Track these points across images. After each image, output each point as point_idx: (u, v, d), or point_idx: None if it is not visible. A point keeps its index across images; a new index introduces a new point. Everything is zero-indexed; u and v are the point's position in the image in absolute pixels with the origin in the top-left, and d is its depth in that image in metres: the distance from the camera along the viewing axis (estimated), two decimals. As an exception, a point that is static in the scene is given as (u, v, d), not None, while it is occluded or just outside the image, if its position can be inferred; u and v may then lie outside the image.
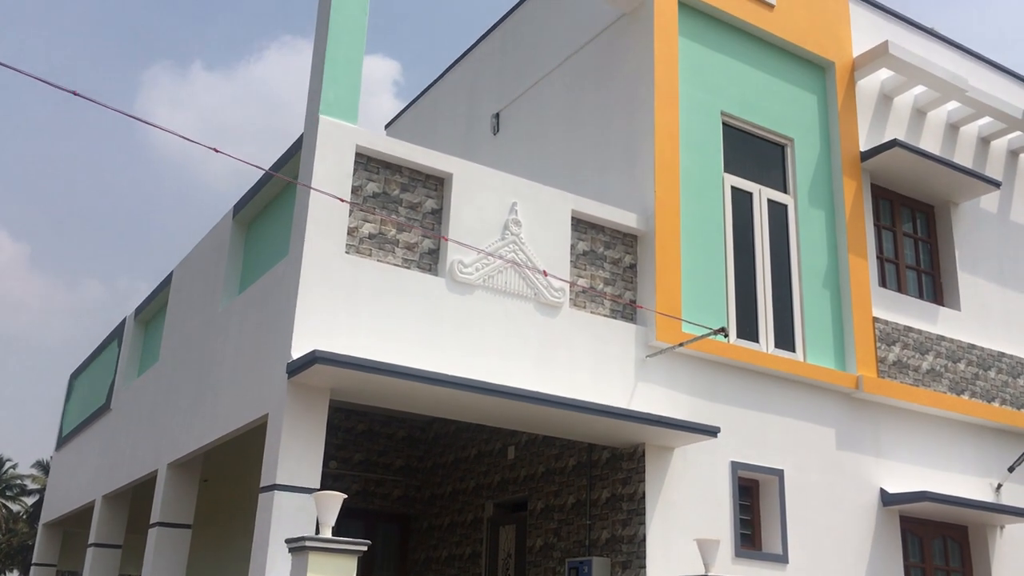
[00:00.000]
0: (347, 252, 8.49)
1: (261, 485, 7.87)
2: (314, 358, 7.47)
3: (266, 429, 8.12)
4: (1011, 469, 12.08)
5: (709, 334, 9.62)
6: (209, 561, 13.56)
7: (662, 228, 10.27)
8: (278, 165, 9.38)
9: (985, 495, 11.83)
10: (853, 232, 11.74)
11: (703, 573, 8.62)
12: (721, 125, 11.25)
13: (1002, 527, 11.85)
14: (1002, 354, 12.68)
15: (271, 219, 9.92)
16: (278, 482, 7.62)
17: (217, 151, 6.80)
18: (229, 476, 13.03)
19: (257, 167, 7.56)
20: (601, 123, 11.56)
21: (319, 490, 7.45)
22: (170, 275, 12.68)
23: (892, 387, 11.32)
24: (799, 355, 10.95)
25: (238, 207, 10.41)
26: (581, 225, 10.08)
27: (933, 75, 12.65)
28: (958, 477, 11.71)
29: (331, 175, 8.45)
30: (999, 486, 11.98)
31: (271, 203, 10.02)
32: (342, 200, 8.22)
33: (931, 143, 13.19)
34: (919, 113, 13.26)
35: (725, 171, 11.14)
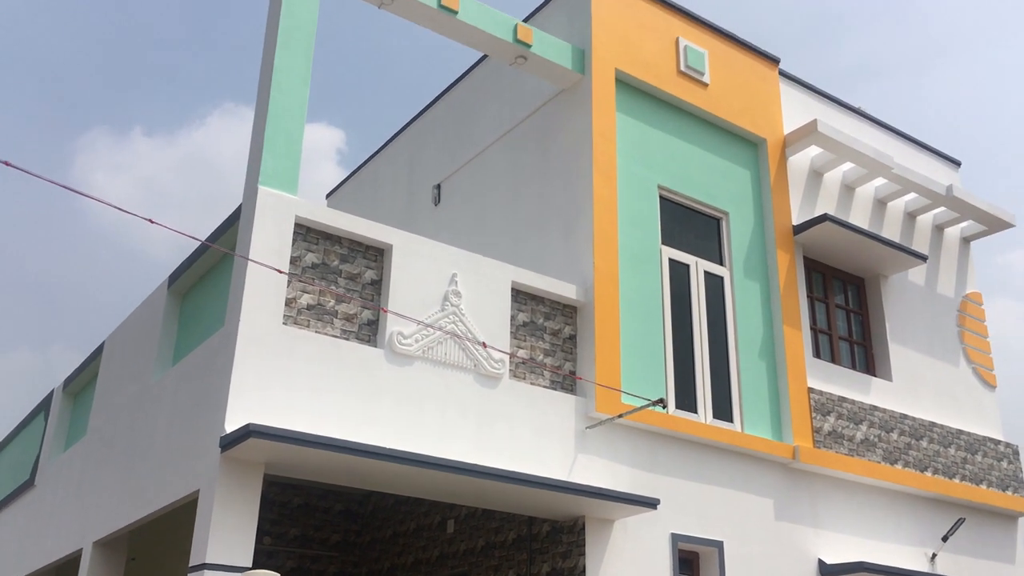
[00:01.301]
0: (284, 323, 8.40)
1: (190, 564, 7.62)
2: (248, 431, 7.31)
3: (197, 505, 7.89)
4: (945, 539, 12.23)
5: (648, 405, 9.67)
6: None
7: (601, 299, 10.37)
8: (215, 235, 9.29)
9: (920, 565, 11.94)
10: (787, 304, 11.98)
11: (644, 649, 8.53)
12: (658, 198, 11.47)
13: (938, 596, 11.95)
14: (933, 424, 12.93)
15: (207, 289, 9.78)
16: (208, 561, 7.38)
17: (152, 222, 6.71)
18: (158, 554, 12.58)
19: (193, 238, 7.48)
20: (541, 195, 11.71)
21: (251, 569, 7.22)
22: (101, 345, 12.38)
23: (828, 457, 11.45)
24: (737, 426, 11.04)
25: (173, 277, 10.26)
26: (521, 296, 10.13)
27: (860, 152, 13.11)
28: (894, 547, 11.81)
29: (269, 246, 8.39)
30: (934, 556, 12.11)
31: (207, 273, 9.90)
32: (280, 271, 8.15)
33: (860, 218, 13.60)
34: (848, 189, 13.69)
35: (663, 243, 11.33)
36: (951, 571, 12.08)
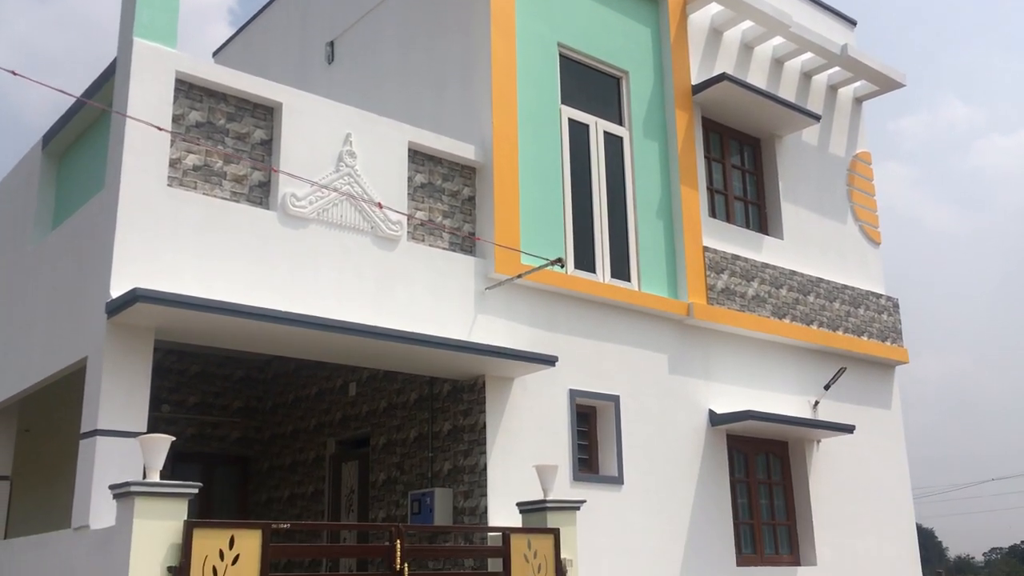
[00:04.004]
0: (169, 185, 8.04)
1: (82, 431, 7.47)
2: (135, 296, 7.08)
3: (86, 373, 7.69)
4: (827, 387, 12.90)
5: (546, 265, 9.73)
6: (36, 514, 12.86)
7: (500, 160, 10.24)
8: (90, 92, 8.75)
9: (804, 412, 12.61)
10: (685, 164, 12.07)
11: (542, 498, 8.84)
12: (558, 56, 11.25)
13: (818, 441, 12.68)
14: (820, 279, 13.43)
15: (85, 150, 9.27)
16: (100, 427, 7.25)
17: (15, 74, 6.23)
18: (52, 426, 12.32)
19: (65, 93, 7.01)
20: (437, 53, 11.34)
21: (146, 433, 7.12)
22: (-25, 212, 11.72)
23: (720, 313, 11.81)
24: (634, 284, 11.24)
25: (47, 137, 9.68)
26: (418, 157, 9.91)
27: (759, 10, 13.04)
28: (780, 396, 12.41)
29: (149, 102, 7.94)
30: (816, 403, 12.78)
31: (85, 133, 9.37)
32: (161, 129, 7.75)
33: (758, 78, 13.65)
34: (747, 48, 13.67)
35: (562, 103, 11.18)
36: (832, 417, 12.79)
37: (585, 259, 10.88)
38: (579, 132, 11.28)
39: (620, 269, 11.19)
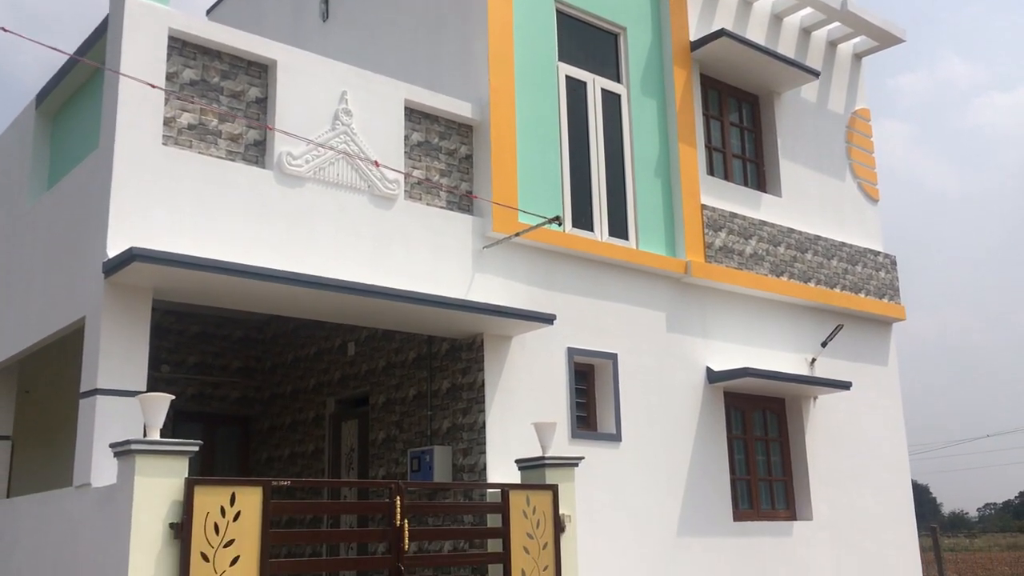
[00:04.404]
0: (164, 144, 8.00)
1: (81, 390, 7.50)
2: (132, 255, 7.07)
3: (84, 333, 7.70)
4: (824, 344, 12.94)
5: (544, 223, 9.71)
6: (38, 474, 12.96)
7: (497, 118, 10.18)
8: (83, 49, 8.66)
9: (801, 369, 12.66)
10: (683, 121, 12.00)
11: (540, 455, 8.90)
12: (555, 13, 11.13)
13: (815, 398, 12.75)
14: (818, 237, 13.41)
15: (79, 109, 9.20)
16: (99, 386, 7.28)
17: (7, 31, 6.17)
18: (53, 387, 12.36)
19: (58, 51, 6.95)
20: (433, 10, 11.22)
21: (145, 392, 7.15)
22: (-30, 173, 11.66)
23: (718, 271, 11.82)
24: (632, 243, 11.23)
25: (41, 96, 9.60)
26: (415, 115, 9.85)
27: (759, -35, 12.89)
28: (777, 354, 12.45)
29: (142, 60, 7.87)
30: (813, 360, 12.83)
31: (78, 91, 9.29)
32: (154, 86, 7.68)
33: (756, 34, 13.52)
34: (745, 3, 13.52)
35: (559, 60, 11.08)
36: (829, 374, 12.85)
37: (583, 217, 10.86)
38: (576, 89, 11.19)
39: (618, 227, 11.17)
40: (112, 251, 7.42)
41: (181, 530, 6.44)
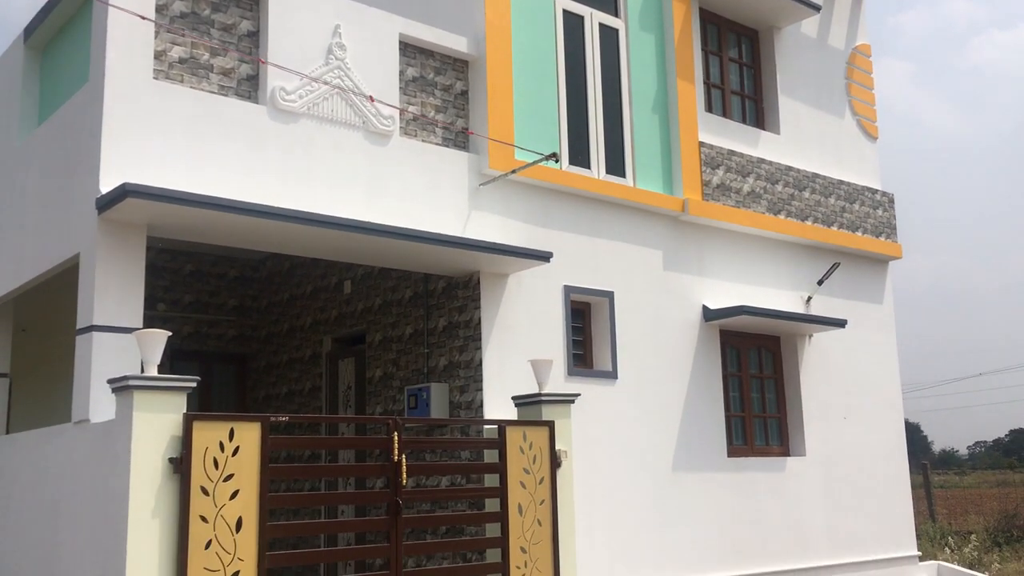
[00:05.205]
0: (155, 78, 7.87)
1: (78, 327, 7.49)
2: (125, 191, 7.00)
3: (79, 270, 7.66)
4: (820, 282, 12.95)
5: (541, 160, 9.62)
6: (37, 411, 13.03)
7: (493, 53, 10.02)
8: (70, -19, 8.47)
9: (796, 307, 12.69)
10: (682, 57, 11.83)
11: (536, 392, 8.95)
12: (552, -56, 10.90)
13: (810, 336, 12.80)
14: (816, 175, 13.34)
15: (68, 42, 9.04)
16: (95, 323, 7.26)
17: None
18: (49, 324, 12.36)
19: (43, -19, 6.78)
20: (428, -60, 10.97)
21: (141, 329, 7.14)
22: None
23: (715, 209, 11.76)
24: (629, 180, 11.15)
25: (29, 30, 9.41)
26: (410, 50, 9.69)
27: None
28: (773, 292, 12.47)
29: (131, -9, 7.69)
30: (809, 298, 12.85)
31: (67, 25, 9.11)
32: (144, 18, 7.53)
33: (757, -33, 13.25)
34: (747, -64, 13.24)
35: (556, -7, 10.88)
36: (825, 311, 12.88)
37: (580, 154, 10.77)
38: (573, 24, 11.01)
39: (615, 165, 11.08)
40: (105, 187, 7.34)
41: (180, 464, 6.49)
